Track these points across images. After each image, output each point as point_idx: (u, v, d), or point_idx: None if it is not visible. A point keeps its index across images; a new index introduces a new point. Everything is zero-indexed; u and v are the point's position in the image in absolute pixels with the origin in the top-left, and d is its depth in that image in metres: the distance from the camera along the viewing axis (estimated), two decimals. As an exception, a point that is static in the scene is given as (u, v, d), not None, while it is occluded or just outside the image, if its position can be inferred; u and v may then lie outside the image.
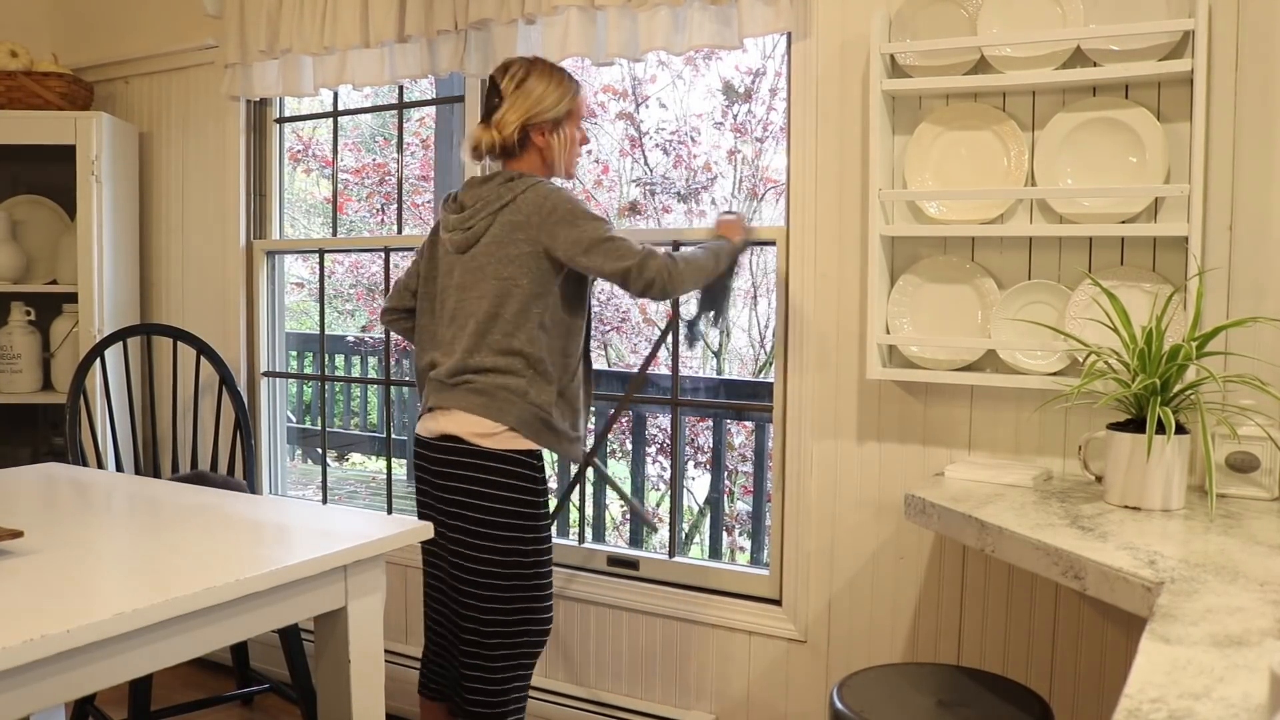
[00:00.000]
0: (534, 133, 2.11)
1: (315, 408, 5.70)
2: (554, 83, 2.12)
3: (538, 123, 2.10)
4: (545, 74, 2.12)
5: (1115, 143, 1.97)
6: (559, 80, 2.13)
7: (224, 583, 1.37)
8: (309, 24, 2.86)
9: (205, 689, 3.09)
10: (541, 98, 2.10)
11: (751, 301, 5.57)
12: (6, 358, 3.22)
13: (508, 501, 2.03)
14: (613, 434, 4.96)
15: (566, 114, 2.13)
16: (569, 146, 2.15)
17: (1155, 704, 0.89)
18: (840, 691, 1.74)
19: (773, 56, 5.05)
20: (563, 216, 2.01)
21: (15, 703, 1.18)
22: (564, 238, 2.00)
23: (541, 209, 2.01)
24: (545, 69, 2.14)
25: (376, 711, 1.68)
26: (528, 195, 2.03)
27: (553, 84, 2.12)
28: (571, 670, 2.71)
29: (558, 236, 2.00)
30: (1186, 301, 1.85)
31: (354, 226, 6.24)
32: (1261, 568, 1.35)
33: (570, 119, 2.15)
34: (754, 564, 3.52)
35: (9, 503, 1.86)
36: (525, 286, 2.03)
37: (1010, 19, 2.04)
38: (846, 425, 2.31)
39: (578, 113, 2.17)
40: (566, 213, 2.01)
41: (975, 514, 1.69)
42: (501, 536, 2.03)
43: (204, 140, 3.28)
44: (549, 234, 2.01)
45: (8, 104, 3.13)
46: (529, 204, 2.03)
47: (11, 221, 3.28)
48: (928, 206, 2.15)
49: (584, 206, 2.05)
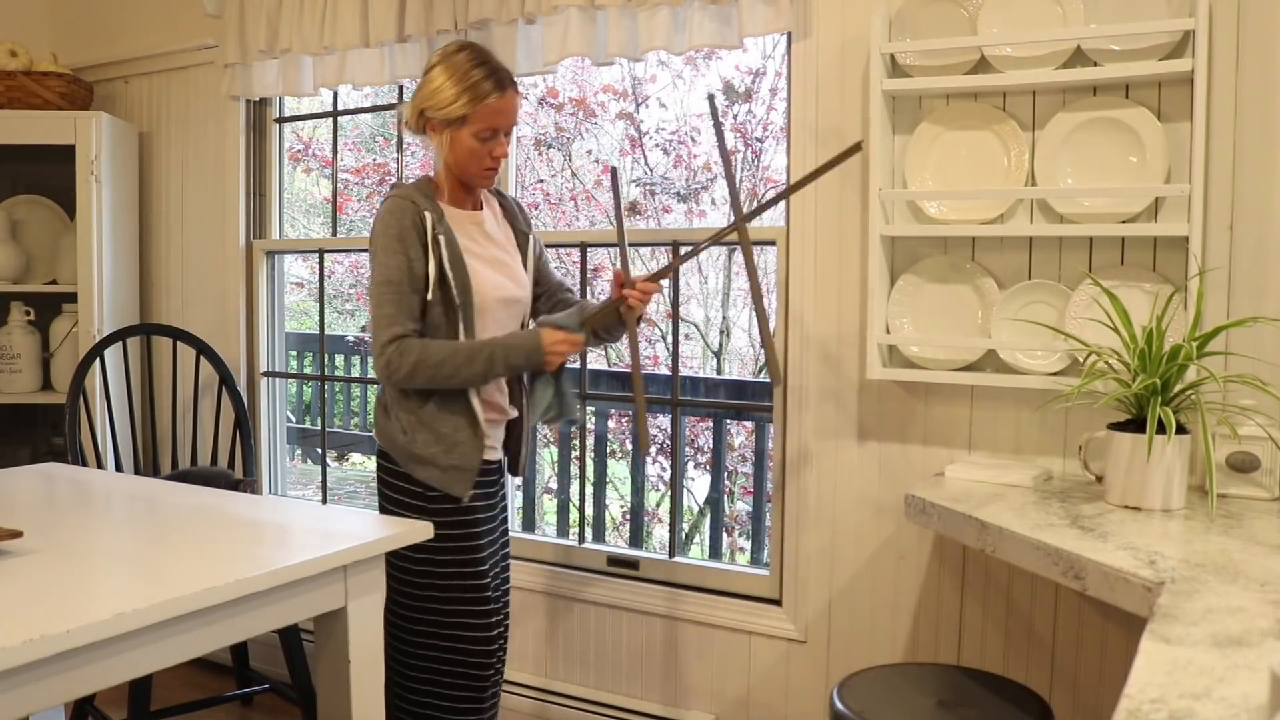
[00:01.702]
0: (428, 126, 2.01)
1: (315, 408, 5.70)
2: (454, 80, 1.94)
3: (429, 117, 1.98)
4: (452, 69, 1.95)
5: (1115, 142, 1.97)
6: (463, 80, 1.94)
7: (224, 583, 1.37)
8: (309, 24, 2.86)
9: (205, 689, 3.09)
10: (434, 93, 1.96)
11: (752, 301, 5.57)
12: (6, 358, 3.22)
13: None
14: (612, 434, 4.97)
15: (461, 118, 1.95)
16: (460, 153, 1.98)
17: (1155, 704, 0.88)
18: (840, 692, 1.74)
19: (772, 56, 5.04)
20: (370, 252, 1.98)
21: (15, 703, 1.18)
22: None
23: (370, 236, 2.00)
24: (456, 64, 1.96)
25: (376, 711, 1.68)
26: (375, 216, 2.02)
27: (452, 81, 1.94)
28: (571, 670, 2.71)
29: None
30: (1187, 301, 1.85)
31: (354, 226, 6.23)
32: (1262, 568, 1.35)
33: (467, 123, 1.96)
34: (754, 564, 3.52)
35: (9, 503, 1.86)
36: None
37: (1010, 19, 2.04)
38: (846, 425, 2.31)
39: (480, 120, 1.95)
40: (371, 248, 1.97)
41: (975, 514, 1.69)
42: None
43: (204, 140, 3.28)
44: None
45: (7, 104, 3.13)
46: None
47: (11, 221, 3.28)
48: (928, 206, 2.15)
49: (383, 248, 1.94)
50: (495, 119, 1.97)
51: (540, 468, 4.98)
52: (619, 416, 4.95)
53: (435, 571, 2.00)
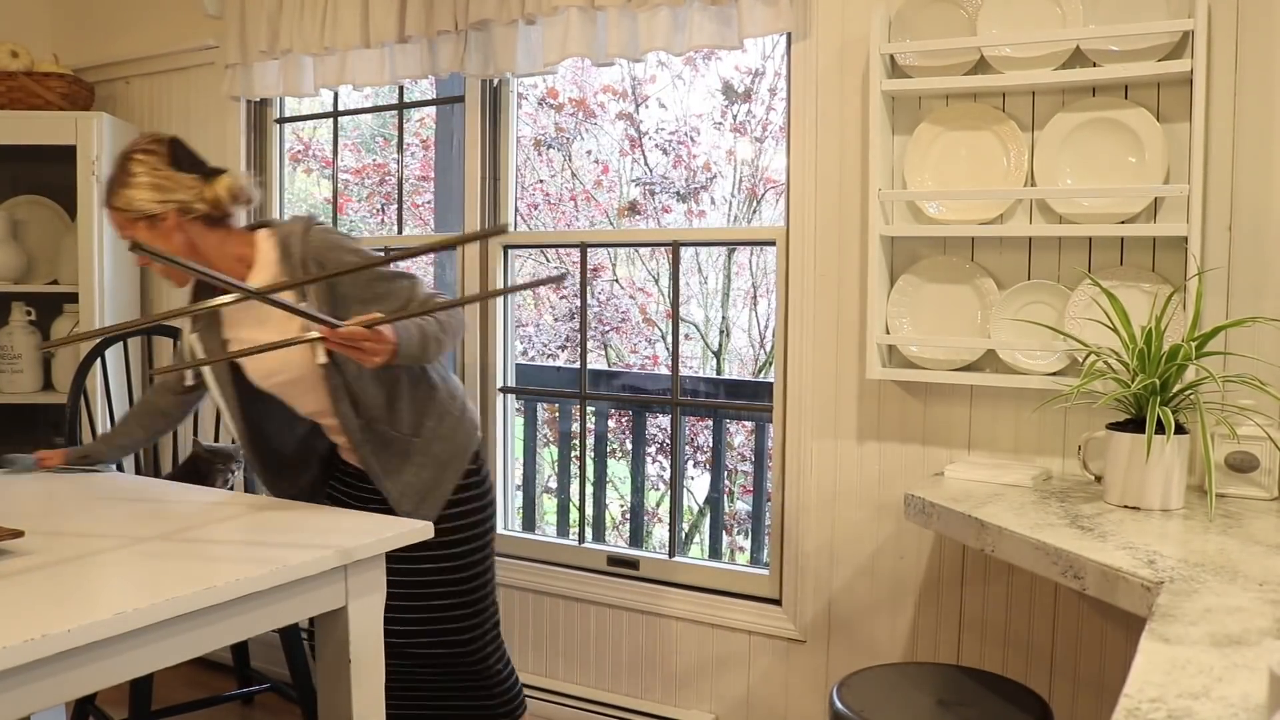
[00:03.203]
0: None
1: (315, 408, 5.69)
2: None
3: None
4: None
5: (1115, 143, 1.98)
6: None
7: (224, 583, 1.37)
8: (309, 24, 2.86)
9: (205, 689, 3.09)
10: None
11: (751, 301, 5.57)
12: (7, 358, 3.22)
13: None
14: (612, 434, 4.97)
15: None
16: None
17: (1155, 703, 0.89)
18: (840, 691, 1.74)
19: (772, 57, 5.04)
20: (348, 250, 2.02)
21: (15, 702, 1.18)
22: None
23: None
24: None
25: (376, 711, 1.68)
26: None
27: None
28: (571, 670, 2.71)
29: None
30: (1186, 301, 1.85)
31: (354, 227, 6.23)
32: (1260, 567, 1.36)
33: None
34: (754, 564, 3.52)
35: (9, 503, 1.86)
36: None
37: (1010, 19, 2.04)
38: (846, 425, 2.31)
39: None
40: (348, 245, 2.03)
41: (975, 514, 1.69)
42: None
43: (204, 140, 3.27)
44: None
45: (8, 104, 3.13)
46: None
47: (12, 221, 3.28)
48: (927, 206, 2.15)
49: (354, 246, 2.03)
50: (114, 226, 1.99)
51: (540, 467, 4.98)
52: (619, 416, 4.95)
53: (490, 544, 2.16)
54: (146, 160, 1.91)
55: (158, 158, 1.92)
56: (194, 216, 1.92)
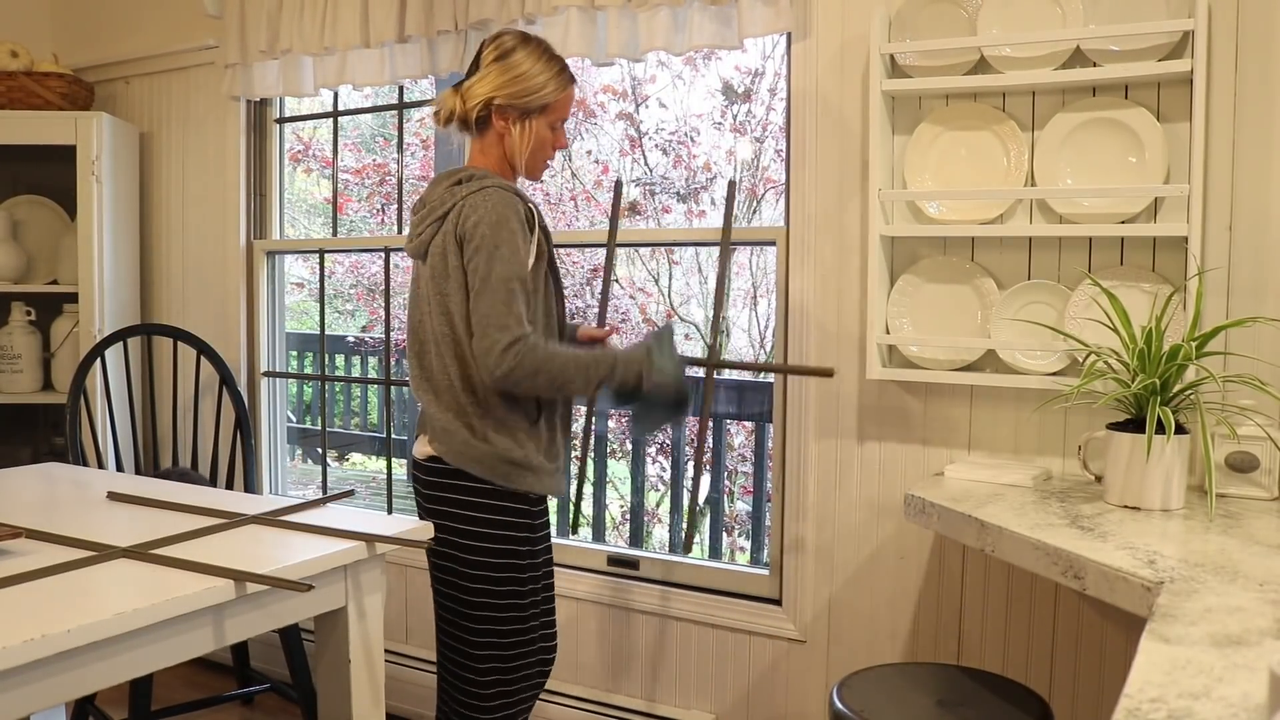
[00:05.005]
0: (497, 115, 1.90)
1: (315, 408, 5.70)
2: (541, 67, 1.89)
3: (505, 105, 1.89)
4: (536, 55, 1.90)
5: (1115, 143, 1.98)
6: (549, 68, 1.91)
7: (224, 583, 1.37)
8: (309, 24, 2.86)
9: (205, 689, 3.09)
10: (519, 79, 1.88)
11: (751, 301, 5.57)
12: (7, 358, 3.22)
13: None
14: (612, 434, 4.97)
15: (542, 107, 1.91)
16: (532, 144, 1.92)
17: (1155, 703, 0.89)
18: (840, 691, 1.74)
19: (772, 57, 5.04)
20: (480, 244, 1.80)
21: (15, 703, 1.18)
22: (473, 267, 1.81)
23: (469, 226, 1.82)
24: (539, 50, 1.91)
25: (376, 711, 1.68)
26: (464, 206, 1.84)
27: (539, 68, 1.89)
28: (572, 670, 2.71)
29: (472, 263, 1.82)
30: (1186, 301, 1.85)
31: (354, 227, 6.24)
32: (1261, 567, 1.36)
33: (545, 114, 1.92)
34: (754, 564, 3.52)
35: (9, 503, 1.86)
36: (459, 306, 1.85)
37: (1010, 19, 2.04)
38: (846, 425, 2.31)
39: (558, 110, 1.94)
40: (486, 240, 1.80)
41: (975, 514, 1.69)
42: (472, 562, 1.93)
43: (204, 140, 3.28)
44: (468, 257, 1.82)
45: (8, 104, 3.14)
46: (463, 217, 1.83)
47: (12, 221, 3.28)
48: (927, 206, 2.15)
49: (508, 241, 1.81)
50: (567, 108, 1.98)
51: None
52: (619, 416, 4.95)
53: (536, 572, 2.02)
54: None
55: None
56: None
